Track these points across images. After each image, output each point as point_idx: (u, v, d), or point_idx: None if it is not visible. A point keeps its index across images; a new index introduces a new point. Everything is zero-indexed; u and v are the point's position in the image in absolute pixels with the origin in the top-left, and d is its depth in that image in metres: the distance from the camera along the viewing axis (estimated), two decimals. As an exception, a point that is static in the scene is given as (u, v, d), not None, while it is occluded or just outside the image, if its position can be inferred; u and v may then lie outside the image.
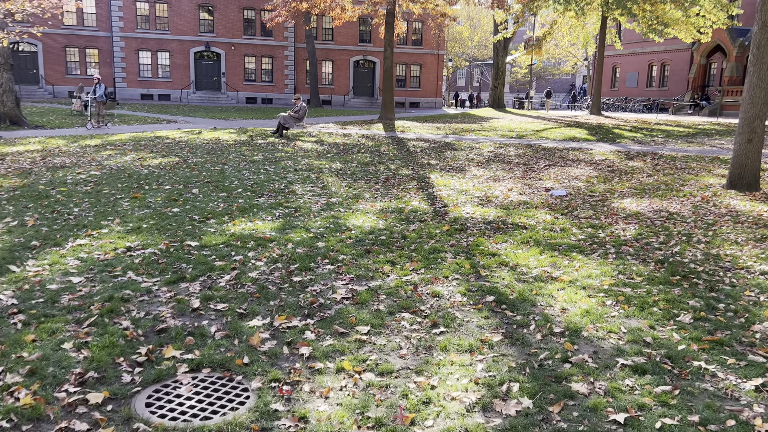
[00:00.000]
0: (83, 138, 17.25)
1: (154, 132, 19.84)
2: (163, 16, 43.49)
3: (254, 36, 45.25)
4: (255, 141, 17.81)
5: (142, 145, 15.86)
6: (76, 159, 12.84)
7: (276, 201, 9.38)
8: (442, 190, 11.05)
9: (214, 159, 13.59)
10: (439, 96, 51.15)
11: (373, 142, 18.70)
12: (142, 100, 42.84)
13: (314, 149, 16.40)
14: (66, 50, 42.62)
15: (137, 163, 12.44)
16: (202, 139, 17.85)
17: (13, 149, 14.17)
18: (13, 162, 12.09)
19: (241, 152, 15.05)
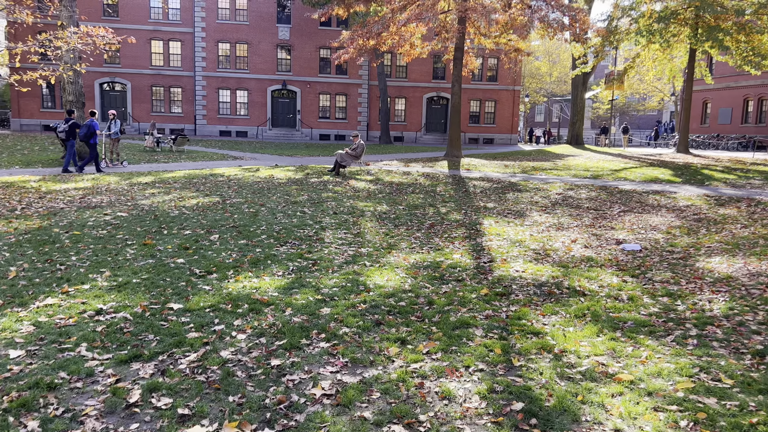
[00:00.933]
0: (138, 175, 16.94)
1: (213, 169, 19.40)
2: (242, 56, 44.41)
3: (329, 74, 45.38)
4: (308, 180, 16.93)
5: (192, 183, 15.28)
6: (114, 198, 12.28)
7: (297, 251, 8.23)
8: (493, 239, 9.57)
9: (255, 199, 12.70)
10: (515, 132, 49.35)
11: (432, 181, 17.41)
12: (221, 137, 43.61)
13: (365, 189, 15.30)
14: (152, 89, 44.18)
15: (173, 204, 11.70)
16: (256, 177, 17.16)
17: (63, 186, 13.86)
18: (50, 201, 11.64)
19: (287, 192, 14.13)
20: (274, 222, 10.15)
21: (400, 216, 11.39)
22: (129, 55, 43.39)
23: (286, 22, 44.57)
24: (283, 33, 44.42)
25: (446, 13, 27.39)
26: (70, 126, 16.84)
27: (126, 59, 43.40)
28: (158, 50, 43.87)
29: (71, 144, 17.03)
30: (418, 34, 27.48)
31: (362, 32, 25.40)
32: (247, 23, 44.01)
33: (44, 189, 13.30)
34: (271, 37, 44.39)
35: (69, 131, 16.82)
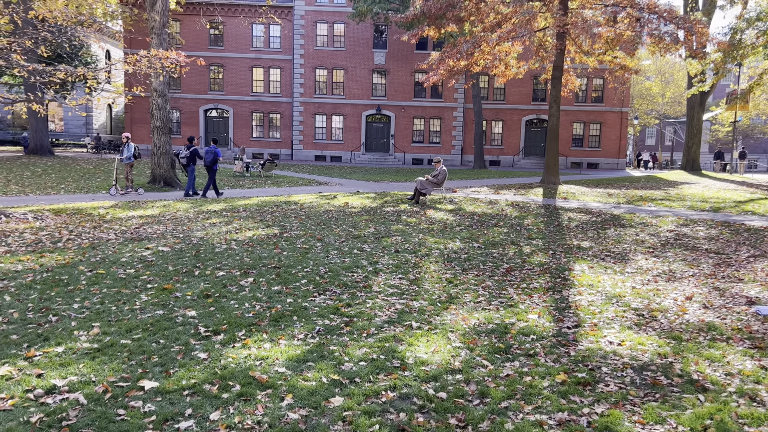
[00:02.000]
0: (212, 202, 16.27)
1: (290, 196, 18.51)
2: (339, 82, 44.27)
3: (424, 98, 44.23)
4: (383, 209, 15.54)
5: (260, 212, 14.33)
6: (171, 228, 11.44)
7: (334, 303, 6.75)
8: (583, 293, 7.63)
9: (316, 232, 11.43)
10: (622, 156, 45.73)
11: (520, 211, 15.47)
12: (315, 162, 43.49)
13: (442, 220, 13.66)
14: (252, 115, 44.95)
15: (226, 236, 10.65)
16: (330, 206, 16.01)
17: (129, 214, 13.30)
18: (102, 231, 10.95)
19: (354, 223, 12.79)
20: (323, 262, 8.77)
21: (472, 256, 9.66)
22: (231, 83, 44.47)
23: (382, 47, 44.03)
24: (379, 58, 43.89)
25: (543, 31, 25.37)
26: (191, 152, 17.41)
27: (229, 86, 44.50)
28: (259, 77, 44.66)
29: (192, 169, 17.64)
30: (514, 53, 25.60)
31: (452, 53, 23.92)
32: (344, 49, 43.89)
33: (109, 216, 12.76)
34: (367, 62, 43.97)
35: (190, 157, 17.43)
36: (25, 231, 10.37)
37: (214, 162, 17.23)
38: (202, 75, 44.29)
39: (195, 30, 43.88)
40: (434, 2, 23.95)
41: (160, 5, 19.94)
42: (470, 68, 25.45)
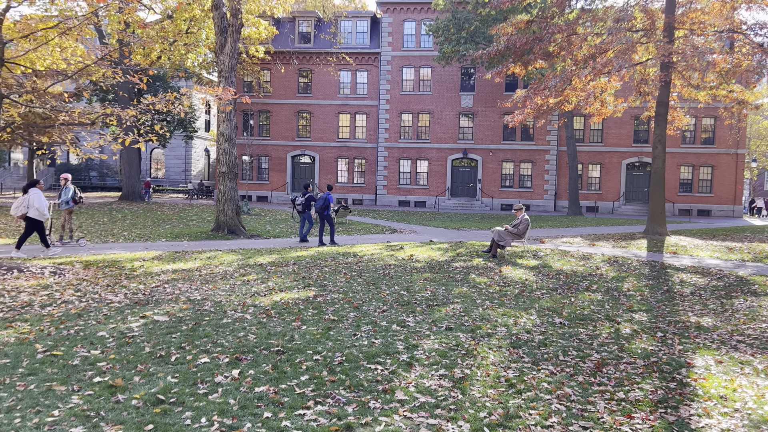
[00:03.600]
0: (266, 253, 14.63)
1: (353, 246, 16.61)
2: (424, 126, 42.71)
3: (513, 141, 41.64)
4: (452, 264, 13.21)
5: (310, 266, 12.45)
6: (197, 286, 9.75)
7: (330, 422, 4.55)
8: (713, 412, 4.96)
9: (358, 296, 9.32)
10: (738, 203, 40.63)
11: (619, 270, 12.62)
12: (399, 207, 41.76)
13: (520, 281, 11.14)
14: (338, 160, 44.14)
15: (247, 300, 8.76)
16: (393, 258, 13.91)
17: (166, 267, 11.82)
18: (113, 291, 9.40)
19: (410, 283, 10.57)
20: (345, 344, 6.59)
21: (549, 339, 7.14)
22: (318, 129, 44.04)
23: (470, 90, 42.14)
24: (466, 101, 41.97)
25: (643, 64, 22.43)
26: (307, 199, 17.30)
27: (316, 133, 44.08)
28: (345, 123, 43.97)
29: (308, 216, 17.56)
30: (610, 89, 22.78)
31: (540, 89, 21.50)
32: (430, 93, 42.41)
33: (141, 270, 11.32)
34: (454, 105, 42.17)
35: (305, 204, 17.31)
36: (26, 289, 9.00)
37: (325, 208, 16.87)
38: (290, 122, 44.22)
39: (284, 78, 44.07)
40: (519, 36, 21.77)
41: (229, 48, 19.10)
42: (561, 106, 22.87)
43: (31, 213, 12.48)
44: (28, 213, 12.49)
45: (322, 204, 16.87)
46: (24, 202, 12.46)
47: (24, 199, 12.48)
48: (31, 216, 12.50)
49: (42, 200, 12.52)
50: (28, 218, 12.56)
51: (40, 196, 12.53)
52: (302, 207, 17.33)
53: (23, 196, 12.55)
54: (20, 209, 12.46)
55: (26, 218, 12.57)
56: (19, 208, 12.46)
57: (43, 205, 12.48)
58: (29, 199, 12.44)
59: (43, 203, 12.50)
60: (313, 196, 17.34)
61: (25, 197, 12.50)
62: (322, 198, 17.01)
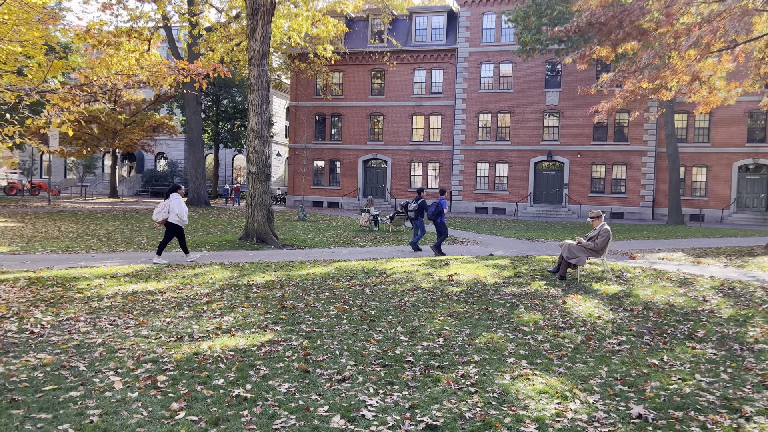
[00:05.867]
0: (270, 269, 11.87)
1: (389, 261, 13.56)
2: (504, 127, 38.89)
3: (605, 141, 36.91)
4: (502, 288, 9.83)
5: (314, 288, 9.53)
6: (122, 320, 7.07)
7: None
8: None
9: (329, 343, 6.25)
10: None
11: (738, 304, 8.72)
12: (476, 214, 38.15)
13: (588, 319, 7.63)
14: (411, 164, 41.21)
15: (158, 349, 5.94)
16: (428, 278, 10.74)
17: (132, 287, 9.31)
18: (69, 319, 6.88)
19: (426, 321, 7.36)
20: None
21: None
22: (391, 132, 41.33)
23: (555, 86, 37.88)
24: (551, 98, 37.74)
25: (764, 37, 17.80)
26: (419, 205, 16.18)
27: (388, 136, 41.39)
28: (419, 125, 40.97)
29: (420, 223, 16.29)
30: (721, 72, 18.33)
31: (631, 71, 17.47)
32: (511, 91, 38.55)
33: (93, 291, 8.84)
34: (537, 103, 38.05)
35: (418, 210, 16.20)
36: None
37: (437, 215, 15.34)
38: (362, 125, 41.82)
39: (356, 80, 41.75)
40: (605, 9, 17.86)
41: (260, 32, 16.63)
42: (657, 94, 18.67)
43: (171, 218, 12.34)
44: (168, 218, 12.36)
45: (434, 210, 15.40)
46: (165, 207, 12.40)
47: (165, 205, 12.42)
48: (171, 221, 12.37)
49: (181, 206, 12.33)
50: (168, 223, 12.44)
51: (179, 201, 12.35)
52: (414, 214, 16.23)
53: (164, 201, 12.49)
54: (161, 214, 12.41)
55: (166, 223, 12.46)
56: (160, 213, 12.42)
57: (182, 210, 12.31)
58: (169, 204, 12.35)
59: (182, 209, 12.33)
60: (426, 203, 16.13)
61: (166, 202, 12.42)
62: (434, 204, 15.50)
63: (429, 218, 15.71)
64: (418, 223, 16.27)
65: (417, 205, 16.22)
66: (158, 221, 12.51)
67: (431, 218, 15.61)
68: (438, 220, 15.48)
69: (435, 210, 15.47)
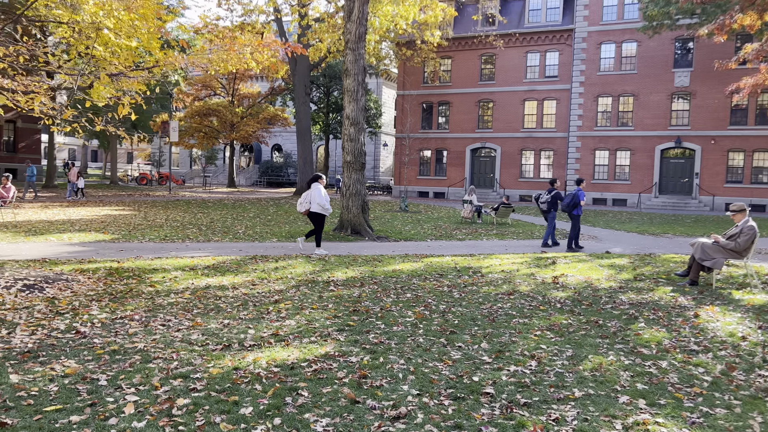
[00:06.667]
0: (355, 264, 11.00)
1: (488, 257, 12.26)
2: (626, 111, 35.65)
3: (744, 126, 32.68)
4: (617, 295, 8.26)
5: (393, 288, 8.54)
6: (178, 321, 6.46)
7: None
8: None
9: (396, 360, 5.18)
10: None
11: None
12: (594, 206, 35.36)
13: (730, 340, 5.96)
14: (522, 153, 39.04)
15: (196, 360, 5.19)
16: (530, 280, 9.37)
17: (206, 281, 8.82)
18: (114, 324, 6.47)
19: (518, 336, 6.09)
20: None
21: None
22: (501, 119, 39.37)
23: (686, 65, 34.06)
24: (681, 79, 33.99)
25: None
26: (553, 196, 14.68)
27: (498, 123, 39.47)
28: (531, 111, 38.66)
29: (552, 216, 14.76)
30: None
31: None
32: (635, 72, 35.21)
33: (165, 285, 8.42)
34: (665, 85, 34.45)
35: (551, 202, 14.69)
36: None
37: (573, 207, 14.09)
38: (470, 113, 40.19)
39: (465, 66, 40.15)
40: (750, -32, 15.21)
41: (357, 13, 15.79)
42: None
43: (313, 208, 12.10)
44: (311, 208, 12.13)
45: (570, 201, 14.13)
46: (307, 197, 12.17)
47: (307, 195, 12.20)
48: (314, 211, 12.14)
49: (322, 195, 12.03)
50: (311, 213, 12.21)
51: (320, 190, 12.06)
52: (547, 206, 14.77)
53: (306, 192, 12.25)
54: (304, 205, 12.21)
55: (310, 214, 12.23)
56: (303, 204, 12.21)
57: (323, 199, 12.01)
58: (311, 194, 12.11)
59: (323, 198, 12.02)
60: (560, 194, 14.70)
61: (308, 193, 12.19)
62: (570, 195, 14.21)
63: (563, 210, 14.38)
64: (550, 217, 14.84)
65: (550, 196, 14.75)
66: (302, 212, 12.31)
67: (565, 210, 14.31)
68: (574, 212, 14.18)
69: (571, 201, 14.17)
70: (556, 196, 14.70)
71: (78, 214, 19.15)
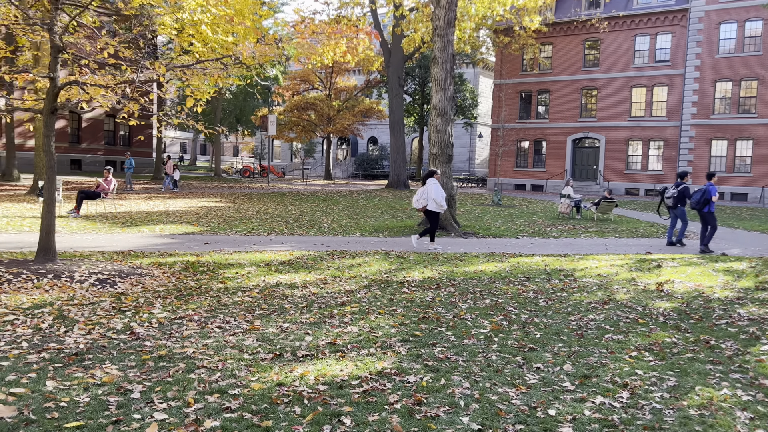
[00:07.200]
0: (437, 263, 10.34)
1: (584, 258, 11.17)
2: (749, 97, 32.25)
3: None
4: (734, 307, 7.05)
5: (473, 292, 7.84)
6: (236, 323, 6.12)
7: None
8: None
9: (459, 383, 4.51)
10: None
11: None
12: (708, 200, 32.29)
13: None
14: (628, 143, 36.47)
15: (241, 373, 4.78)
16: (630, 286, 8.31)
17: (277, 278, 8.52)
18: (123, 318, 6.31)
19: (609, 356, 5.19)
20: None
21: None
22: (605, 107, 36.95)
23: (823, 42, 30.20)
24: (817, 58, 30.20)
25: None
26: (680, 191, 13.44)
27: (602, 112, 37.08)
28: (639, 99, 35.97)
29: (681, 212, 13.52)
30: None
31: None
32: (760, 54, 31.75)
33: (233, 282, 8.22)
34: (796, 65, 30.76)
35: (678, 197, 13.47)
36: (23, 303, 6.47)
37: (705, 203, 12.70)
38: (572, 101, 38.06)
39: (567, 52, 38.03)
40: None
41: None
42: None
43: (430, 205, 11.58)
44: (427, 206, 11.62)
45: (699, 198, 12.80)
46: (422, 194, 11.69)
47: (422, 191, 11.72)
48: (430, 208, 11.63)
49: (439, 191, 11.51)
50: (427, 211, 11.72)
51: (437, 186, 11.56)
52: (673, 201, 13.50)
53: (422, 188, 11.78)
54: (420, 202, 11.73)
55: (426, 211, 11.75)
56: (419, 200, 11.74)
57: (439, 195, 11.47)
58: (426, 190, 11.60)
59: (439, 194, 11.49)
60: (688, 189, 13.42)
61: (423, 189, 11.71)
62: (700, 191, 12.92)
63: (693, 207, 13.00)
64: (677, 213, 13.62)
65: (677, 191, 13.48)
66: (418, 209, 11.87)
67: (695, 207, 12.92)
68: (705, 209, 12.80)
69: (701, 198, 12.80)
70: (684, 192, 13.31)
71: (176, 206, 19.85)
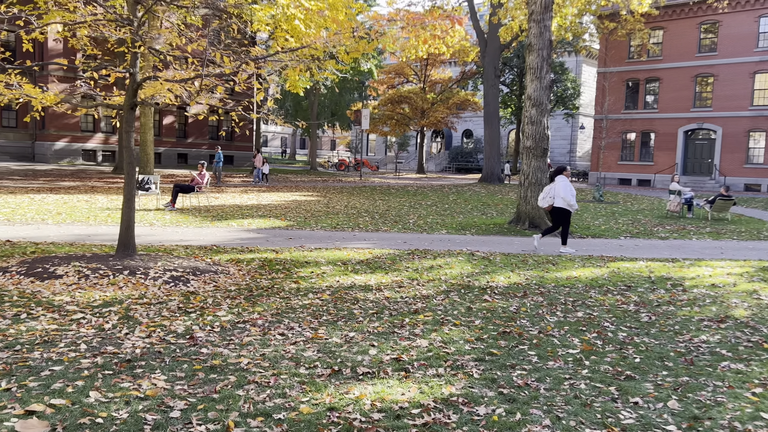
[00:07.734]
0: (526, 266, 9.52)
1: (696, 264, 9.92)
2: None
3: None
4: None
5: (564, 302, 7.03)
6: (296, 331, 5.75)
7: None
8: None
9: (596, 404, 3.82)
10: None
11: None
12: None
13: None
14: (749, 135, 33.12)
15: (292, 392, 4.34)
16: (765, 299, 7.16)
17: (352, 279, 8.14)
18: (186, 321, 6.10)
19: (763, 399, 4.29)
20: None
21: None
22: (722, 96, 33.76)
23: None
24: None
25: None
26: None
27: (719, 101, 33.91)
28: (763, 86, 32.55)
29: None
30: None
31: None
32: None
33: (306, 282, 7.90)
34: None
35: None
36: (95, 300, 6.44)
37: None
38: (684, 90, 35.11)
39: (679, 37, 35.10)
40: None
41: (542, -19, 13.97)
42: None
43: (557, 203, 10.81)
44: (554, 203, 10.85)
45: None
46: (550, 191, 10.94)
47: (550, 189, 10.98)
48: (558, 206, 10.83)
49: (568, 189, 10.70)
50: (555, 209, 10.92)
51: (566, 184, 10.76)
52: None
53: (549, 186, 11.08)
54: (546, 200, 11.00)
55: (553, 210, 10.96)
56: (545, 199, 11.01)
57: (569, 194, 10.66)
58: (555, 188, 10.83)
59: (569, 192, 10.68)
60: None
61: (551, 186, 10.97)
62: None
63: None
64: None
65: None
66: (544, 207, 11.16)
67: None
68: None
69: None
70: None
71: (268, 199, 20.11)
